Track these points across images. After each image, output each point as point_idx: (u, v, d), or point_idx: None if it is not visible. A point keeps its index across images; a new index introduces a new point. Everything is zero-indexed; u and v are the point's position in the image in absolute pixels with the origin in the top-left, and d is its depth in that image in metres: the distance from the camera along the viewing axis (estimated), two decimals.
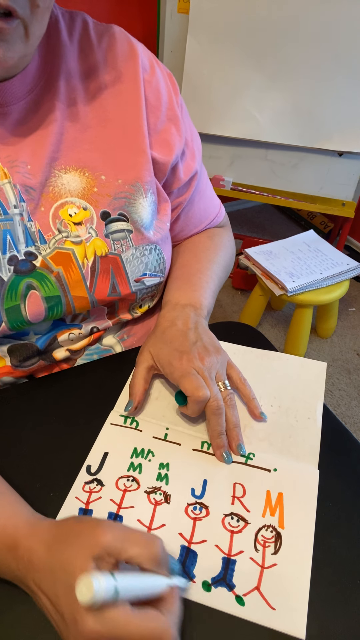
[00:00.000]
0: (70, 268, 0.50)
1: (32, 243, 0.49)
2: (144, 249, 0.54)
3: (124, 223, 0.52)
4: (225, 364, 0.51)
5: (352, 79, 1.44)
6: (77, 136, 0.49)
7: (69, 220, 0.49)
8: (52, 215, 0.49)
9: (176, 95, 0.56)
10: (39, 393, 0.53)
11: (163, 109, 0.54)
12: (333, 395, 1.56)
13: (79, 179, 0.49)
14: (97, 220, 0.51)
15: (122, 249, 0.52)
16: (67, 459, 0.46)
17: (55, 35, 0.48)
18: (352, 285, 2.02)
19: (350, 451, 0.48)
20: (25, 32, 0.38)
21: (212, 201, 0.68)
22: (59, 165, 0.49)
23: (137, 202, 0.52)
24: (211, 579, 0.38)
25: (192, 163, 0.60)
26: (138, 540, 0.33)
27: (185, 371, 0.47)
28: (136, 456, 0.47)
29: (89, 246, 0.50)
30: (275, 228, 2.47)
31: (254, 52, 1.47)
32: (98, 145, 0.50)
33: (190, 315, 0.54)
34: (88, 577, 0.28)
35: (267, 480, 0.45)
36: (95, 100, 0.50)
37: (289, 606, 0.36)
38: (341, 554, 0.40)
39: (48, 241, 0.49)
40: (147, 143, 0.52)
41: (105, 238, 0.51)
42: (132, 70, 0.51)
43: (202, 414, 0.49)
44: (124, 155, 0.51)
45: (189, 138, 0.59)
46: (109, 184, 0.51)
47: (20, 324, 0.50)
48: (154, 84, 0.53)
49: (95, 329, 0.57)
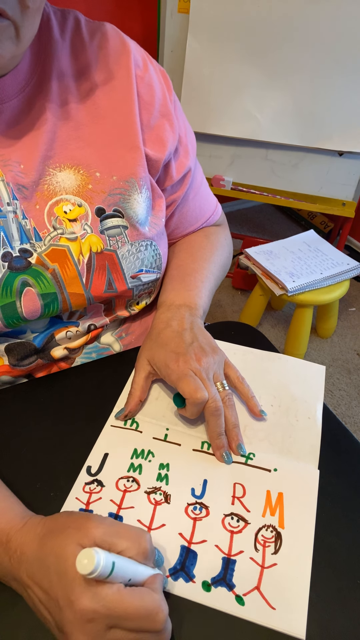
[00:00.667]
0: (66, 265, 0.50)
1: (27, 240, 0.49)
2: (140, 245, 0.54)
3: (119, 219, 0.52)
4: (223, 363, 0.51)
5: (352, 79, 1.44)
6: (70, 134, 0.49)
7: (63, 217, 0.50)
8: (47, 212, 0.49)
9: (170, 92, 0.56)
10: (39, 393, 0.53)
11: (156, 105, 0.54)
12: (333, 395, 1.56)
13: (74, 176, 0.50)
14: (92, 216, 0.51)
15: (117, 245, 0.52)
16: (67, 459, 0.46)
17: (47, 33, 0.48)
18: (352, 285, 2.02)
19: (350, 451, 0.48)
20: (16, 32, 0.38)
21: (207, 199, 0.68)
22: (53, 164, 0.49)
23: (132, 198, 0.52)
24: (211, 579, 0.38)
25: (185, 160, 0.60)
26: (128, 535, 0.33)
27: (182, 373, 0.47)
28: (136, 457, 0.47)
29: (84, 242, 0.51)
30: (275, 228, 2.47)
31: (254, 52, 1.47)
32: (92, 142, 0.50)
33: (185, 316, 0.54)
34: (89, 550, 0.29)
35: (267, 480, 0.45)
36: (87, 98, 0.50)
37: (289, 606, 0.36)
38: (341, 554, 0.40)
39: (43, 238, 0.49)
40: (141, 139, 0.52)
41: (101, 234, 0.51)
42: (124, 66, 0.51)
43: (201, 414, 0.49)
44: (117, 152, 0.51)
45: (183, 135, 0.59)
46: (104, 181, 0.51)
47: (16, 321, 0.49)
48: (146, 80, 0.53)
49: (92, 326, 0.57)
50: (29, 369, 0.55)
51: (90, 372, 0.56)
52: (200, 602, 0.37)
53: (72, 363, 0.59)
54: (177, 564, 0.39)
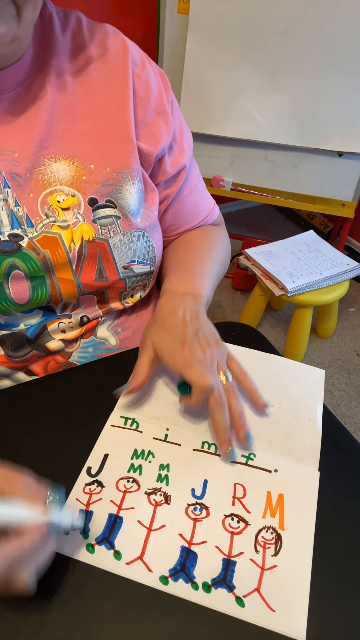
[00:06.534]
0: (57, 251, 0.51)
1: (19, 226, 0.50)
2: (132, 235, 0.55)
3: (111, 209, 0.53)
4: (225, 356, 0.51)
5: (352, 79, 1.44)
6: (67, 126, 0.50)
7: (56, 205, 0.51)
8: (40, 201, 0.50)
9: (167, 92, 0.57)
10: (39, 393, 0.53)
11: (152, 103, 0.55)
12: (333, 396, 1.56)
13: (68, 167, 0.51)
14: (85, 206, 0.52)
15: (109, 235, 0.53)
16: (67, 459, 0.46)
17: (49, 30, 0.50)
18: (352, 285, 2.02)
19: (350, 451, 0.48)
20: (17, 12, 0.40)
21: (204, 198, 0.69)
22: (49, 154, 0.50)
23: (124, 189, 0.53)
24: (211, 580, 0.38)
25: (180, 157, 0.60)
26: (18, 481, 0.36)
27: (189, 360, 0.47)
28: (136, 457, 0.47)
29: (76, 231, 0.51)
30: (275, 228, 2.47)
31: (254, 52, 1.47)
32: (88, 135, 0.51)
33: (190, 304, 0.54)
34: None
35: (267, 481, 0.45)
36: (85, 93, 0.51)
37: (289, 608, 0.36)
38: (341, 554, 0.40)
39: (35, 225, 0.50)
40: (134, 133, 0.53)
41: (93, 223, 0.52)
42: (122, 64, 0.52)
43: (202, 412, 0.49)
44: (112, 144, 0.52)
45: (178, 134, 0.60)
46: (98, 172, 0.52)
47: (6, 304, 0.50)
48: (143, 78, 0.54)
49: (85, 318, 0.58)
50: (25, 360, 0.56)
51: (90, 372, 0.56)
52: (200, 603, 0.37)
53: (69, 357, 0.59)
54: (178, 565, 0.39)
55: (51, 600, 0.36)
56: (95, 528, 0.41)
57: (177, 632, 0.35)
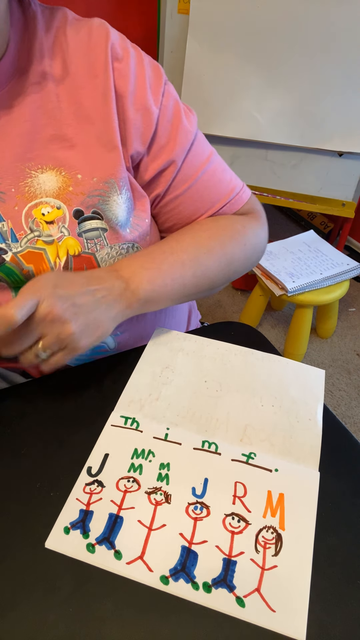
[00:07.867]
0: (42, 267, 0.50)
1: (3, 241, 0.48)
2: (121, 247, 0.53)
3: (97, 221, 0.51)
4: (80, 349, 0.45)
5: (352, 79, 1.44)
6: (53, 134, 0.48)
7: (41, 219, 0.49)
8: (24, 214, 0.49)
9: (157, 86, 0.52)
10: (39, 394, 0.53)
11: (130, 97, 0.50)
12: (333, 396, 1.56)
13: (55, 178, 0.49)
14: (70, 218, 0.50)
15: (96, 248, 0.51)
16: (67, 459, 0.46)
17: (32, 30, 0.47)
18: (352, 285, 2.02)
19: (350, 451, 0.48)
20: None
21: (213, 189, 0.59)
22: (35, 166, 0.48)
23: (111, 200, 0.51)
24: (211, 580, 0.38)
25: (163, 155, 0.54)
26: None
27: (31, 289, 0.42)
28: (137, 457, 0.47)
29: (61, 245, 0.50)
30: (275, 228, 2.47)
31: (254, 52, 1.47)
32: (75, 142, 0.49)
33: (114, 288, 0.48)
34: None
35: (268, 480, 0.45)
36: (70, 96, 0.48)
37: (289, 608, 0.36)
38: (341, 554, 0.40)
39: (20, 239, 0.49)
40: (118, 139, 0.50)
41: (78, 237, 0.50)
42: (103, 60, 0.48)
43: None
44: (98, 152, 0.50)
45: (167, 128, 0.53)
46: (85, 183, 0.50)
47: None
48: (123, 72, 0.49)
49: None
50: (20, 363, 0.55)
51: (89, 372, 0.56)
52: (200, 603, 0.37)
53: None
54: (178, 565, 0.39)
55: (51, 600, 0.36)
56: (95, 528, 0.41)
57: (177, 632, 0.35)
